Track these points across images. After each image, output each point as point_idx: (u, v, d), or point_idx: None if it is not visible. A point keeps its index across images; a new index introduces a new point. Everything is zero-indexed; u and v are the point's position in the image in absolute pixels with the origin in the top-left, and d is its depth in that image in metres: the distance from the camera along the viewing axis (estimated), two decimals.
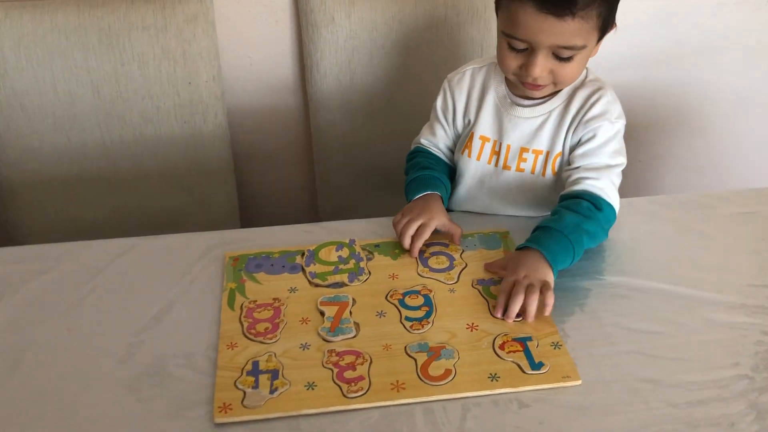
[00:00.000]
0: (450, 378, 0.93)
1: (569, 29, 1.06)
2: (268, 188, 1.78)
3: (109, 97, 1.52)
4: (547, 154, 1.22)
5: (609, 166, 1.17)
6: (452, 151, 1.33)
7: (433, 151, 1.32)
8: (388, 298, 1.07)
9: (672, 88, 1.84)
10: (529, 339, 0.99)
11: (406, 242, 1.16)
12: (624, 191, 1.20)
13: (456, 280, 1.11)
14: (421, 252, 1.16)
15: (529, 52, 1.11)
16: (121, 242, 1.21)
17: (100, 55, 1.48)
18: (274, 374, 0.94)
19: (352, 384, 0.92)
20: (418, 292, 1.08)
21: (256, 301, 1.07)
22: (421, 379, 0.93)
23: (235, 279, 1.11)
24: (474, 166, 1.27)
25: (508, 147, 1.23)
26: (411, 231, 1.16)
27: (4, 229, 1.63)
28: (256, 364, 0.96)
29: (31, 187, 1.59)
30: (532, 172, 1.23)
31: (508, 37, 1.11)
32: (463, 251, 1.16)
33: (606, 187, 1.15)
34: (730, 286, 1.09)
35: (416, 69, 1.59)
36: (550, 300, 1.02)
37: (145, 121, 1.55)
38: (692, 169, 1.99)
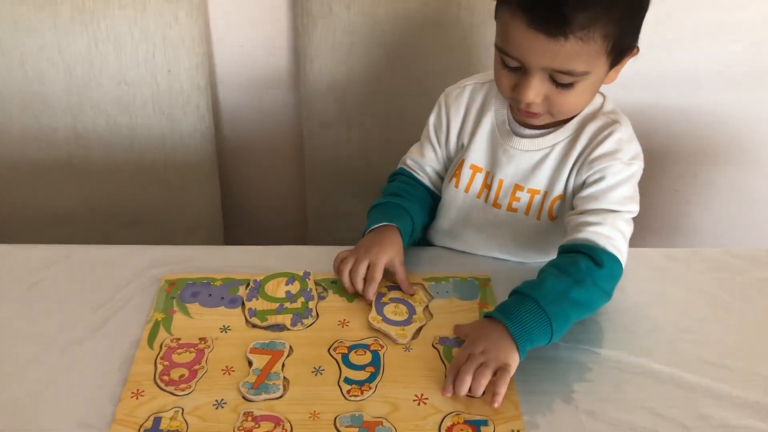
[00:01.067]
0: None
1: (564, 51, 0.87)
2: (254, 189, 1.64)
3: (82, 80, 1.39)
4: (545, 195, 1.04)
5: (615, 212, 0.97)
6: (441, 177, 1.16)
7: (416, 176, 1.15)
8: (331, 351, 0.92)
9: (719, 113, 1.61)
10: (484, 423, 0.82)
11: (349, 286, 1.00)
12: (657, 225, 1.01)
13: (410, 337, 0.94)
14: (380, 294, 1.00)
15: (523, 72, 0.93)
16: (55, 250, 1.09)
17: (73, 33, 1.35)
18: None
19: None
20: (367, 347, 0.92)
21: (179, 339, 0.93)
22: None
23: (165, 309, 0.98)
24: (461, 198, 1.10)
25: (501, 182, 1.05)
26: (361, 272, 0.99)
27: None
28: (157, 421, 0.82)
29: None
30: (526, 214, 1.05)
31: (500, 52, 0.94)
32: (431, 299, 1.00)
33: (612, 235, 0.96)
34: (744, 378, 0.90)
35: (421, 73, 1.41)
36: (502, 388, 0.84)
37: (120, 110, 1.42)
38: (737, 203, 1.77)
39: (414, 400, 0.85)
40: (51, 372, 0.88)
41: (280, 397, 0.85)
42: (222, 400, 0.85)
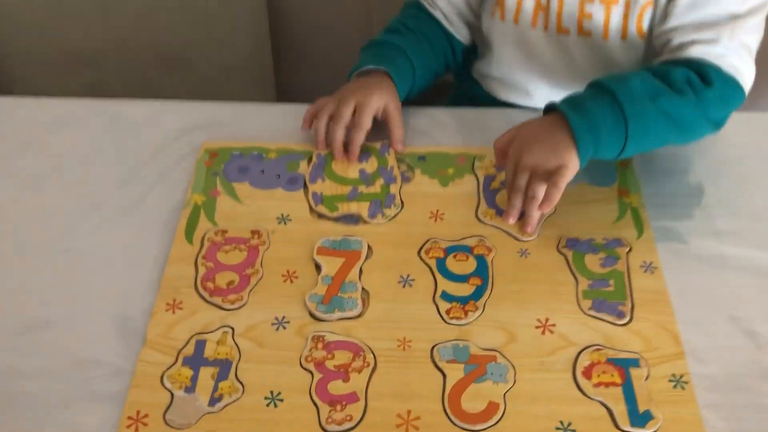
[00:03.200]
0: (495, 419, 0.58)
1: None
2: (312, 22, 1.33)
3: None
4: (627, 4, 0.77)
5: (734, 18, 0.72)
6: (462, 13, 0.88)
7: (428, 8, 0.88)
8: (423, 253, 0.70)
9: None
10: (635, 363, 0.61)
11: (323, 138, 0.78)
12: None
13: (537, 234, 0.72)
14: (489, 178, 0.76)
15: None
16: (69, 106, 0.86)
17: None
18: (224, 369, 0.61)
19: (337, 407, 0.59)
20: (469, 250, 0.70)
21: (226, 232, 0.72)
22: (447, 414, 0.58)
23: (206, 189, 0.76)
24: (512, 34, 0.83)
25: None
26: (345, 116, 0.77)
27: None
28: (200, 346, 0.63)
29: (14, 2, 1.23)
30: (605, 37, 0.79)
31: None
32: None
33: (728, 53, 0.71)
34: None
35: None
36: (554, 195, 0.67)
37: None
38: None
39: (537, 327, 0.64)
40: (61, 269, 0.69)
41: (359, 315, 0.65)
42: (283, 318, 0.65)
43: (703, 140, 0.77)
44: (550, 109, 0.72)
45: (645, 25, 0.78)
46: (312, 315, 0.65)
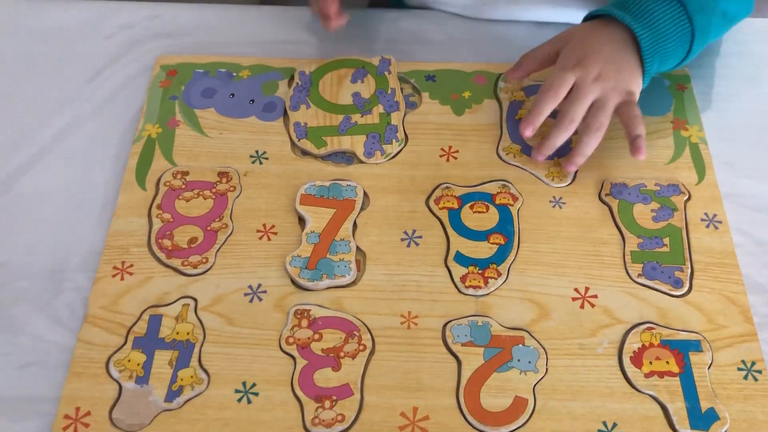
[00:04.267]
0: (523, 420, 0.47)
1: None
2: None
3: None
4: None
5: None
6: None
7: None
8: (432, 203, 0.57)
9: None
10: (696, 347, 0.50)
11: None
12: None
13: (571, 179, 0.58)
14: (516, 104, 0.61)
15: None
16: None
17: None
18: (184, 354, 0.49)
19: (326, 403, 0.47)
20: (490, 199, 0.56)
21: (186, 174, 0.58)
22: (463, 413, 0.47)
23: (162, 117, 0.61)
24: None
25: None
26: None
27: None
28: (155, 323, 0.50)
29: None
30: None
31: None
32: None
33: None
34: None
35: None
36: (641, 129, 0.54)
37: None
38: None
39: (574, 300, 0.51)
40: None
41: (353, 284, 0.52)
42: (259, 286, 0.52)
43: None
44: (595, 15, 0.58)
45: None
46: (294, 282, 0.52)
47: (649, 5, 0.57)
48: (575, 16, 0.63)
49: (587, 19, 0.60)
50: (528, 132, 0.56)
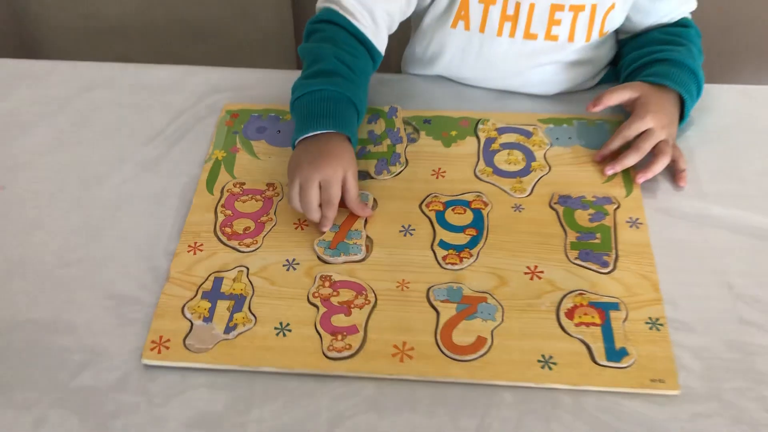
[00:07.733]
0: (482, 352, 0.64)
1: None
2: None
3: None
4: (593, 8, 0.82)
5: None
6: (394, 24, 0.84)
7: (356, 24, 0.79)
8: (424, 207, 0.75)
9: None
10: (615, 307, 0.66)
11: (317, 219, 0.72)
12: None
13: (529, 192, 0.77)
14: (489, 140, 0.81)
15: None
16: (101, 70, 0.93)
17: None
18: (238, 303, 0.67)
19: (338, 337, 0.65)
20: (467, 204, 0.75)
21: (243, 184, 0.78)
22: (439, 346, 0.64)
23: (226, 146, 0.82)
24: (478, 42, 0.85)
25: (532, 7, 0.81)
26: (313, 198, 0.70)
27: (18, 20, 1.38)
28: (218, 283, 0.69)
29: None
30: (570, 39, 0.83)
31: None
32: (549, 146, 0.80)
33: None
34: None
35: None
36: (684, 164, 0.78)
37: None
38: None
39: (526, 273, 0.69)
40: (93, 218, 0.76)
41: (363, 260, 0.71)
42: (294, 260, 0.71)
43: (693, 112, 0.82)
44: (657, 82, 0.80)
45: (606, 25, 0.84)
46: (320, 258, 0.71)
47: (681, 76, 0.79)
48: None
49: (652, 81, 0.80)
50: (610, 171, 0.76)
